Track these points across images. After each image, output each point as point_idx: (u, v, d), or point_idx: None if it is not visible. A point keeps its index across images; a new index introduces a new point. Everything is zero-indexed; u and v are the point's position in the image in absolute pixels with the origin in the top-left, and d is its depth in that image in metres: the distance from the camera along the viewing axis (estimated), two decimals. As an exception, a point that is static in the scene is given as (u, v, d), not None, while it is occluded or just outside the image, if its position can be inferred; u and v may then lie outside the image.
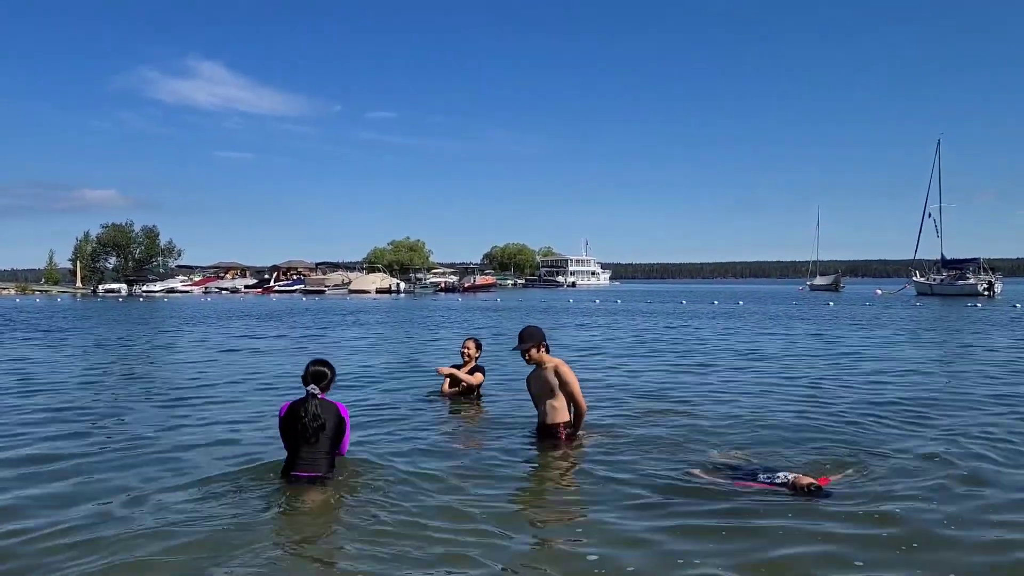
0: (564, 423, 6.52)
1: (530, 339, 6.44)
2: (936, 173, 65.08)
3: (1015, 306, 37.74)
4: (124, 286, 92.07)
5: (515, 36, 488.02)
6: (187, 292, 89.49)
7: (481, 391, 9.07)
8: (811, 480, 5.26)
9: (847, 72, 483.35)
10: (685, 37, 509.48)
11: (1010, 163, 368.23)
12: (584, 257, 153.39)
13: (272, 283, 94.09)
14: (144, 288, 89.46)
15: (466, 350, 9.02)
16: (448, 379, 9.06)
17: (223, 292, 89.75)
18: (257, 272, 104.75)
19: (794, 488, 5.21)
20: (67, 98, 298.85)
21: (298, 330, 24.15)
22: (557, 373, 6.41)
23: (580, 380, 6.69)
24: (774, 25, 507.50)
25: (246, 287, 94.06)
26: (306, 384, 5.30)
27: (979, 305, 40.25)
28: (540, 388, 6.53)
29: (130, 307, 48.28)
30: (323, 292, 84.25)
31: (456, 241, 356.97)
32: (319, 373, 5.37)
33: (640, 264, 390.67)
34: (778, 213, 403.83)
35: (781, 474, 5.52)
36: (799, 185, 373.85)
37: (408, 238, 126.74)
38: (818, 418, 8.03)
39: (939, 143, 66.35)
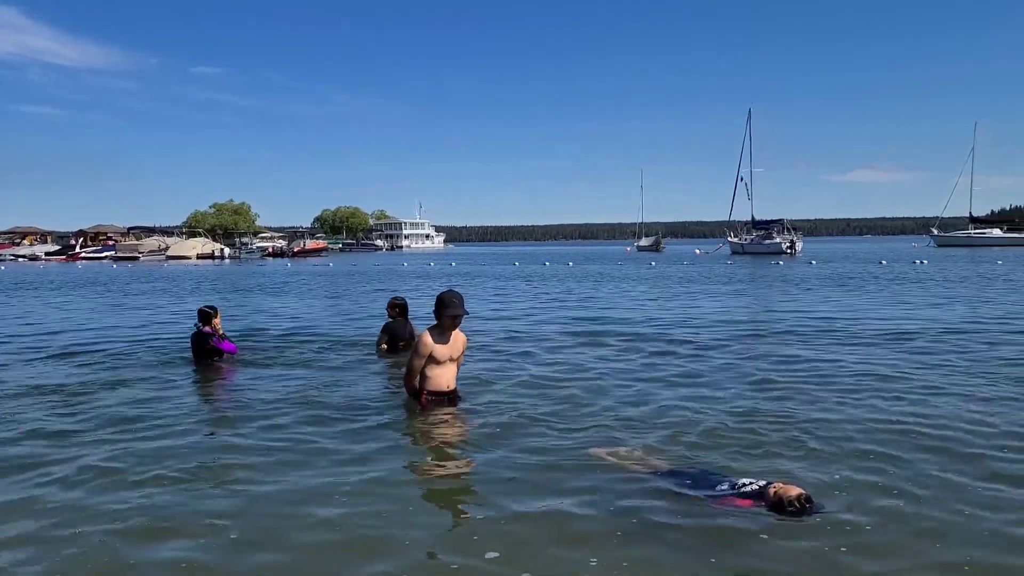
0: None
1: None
2: (748, 140, 70.03)
3: (811, 263, 41.32)
4: None
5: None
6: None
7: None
8: (800, 490, 4.02)
9: (669, 38, 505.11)
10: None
11: (817, 133, 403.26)
12: (418, 220, 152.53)
13: (78, 249, 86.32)
14: (-79, 256, 79.35)
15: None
16: (385, 344, 9.85)
17: (19, 260, 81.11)
18: (60, 238, 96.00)
19: (779, 501, 3.98)
20: None
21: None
22: (463, 344, 6.65)
23: None
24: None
25: (47, 254, 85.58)
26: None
27: (781, 262, 43.72)
28: (453, 353, 6.54)
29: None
30: (137, 259, 78.01)
31: (286, 204, 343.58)
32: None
33: (474, 227, 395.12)
34: (608, 176, 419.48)
35: (744, 480, 4.27)
36: (628, 149, 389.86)
37: (232, 201, 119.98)
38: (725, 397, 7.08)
39: (750, 112, 71.37)
